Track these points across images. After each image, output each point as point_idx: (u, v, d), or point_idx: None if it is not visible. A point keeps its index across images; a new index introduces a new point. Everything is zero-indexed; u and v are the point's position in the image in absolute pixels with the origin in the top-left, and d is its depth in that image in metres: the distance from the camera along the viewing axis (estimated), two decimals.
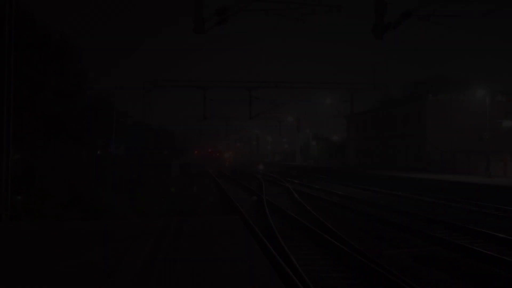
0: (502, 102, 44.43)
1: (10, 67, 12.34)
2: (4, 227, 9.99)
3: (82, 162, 22.91)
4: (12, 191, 12.25)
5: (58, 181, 15.49)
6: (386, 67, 40.15)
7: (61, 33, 26.47)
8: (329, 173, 49.88)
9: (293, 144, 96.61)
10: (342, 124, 68.88)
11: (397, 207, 20.59)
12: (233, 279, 5.57)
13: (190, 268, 6.11)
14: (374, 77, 44.12)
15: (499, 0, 19.93)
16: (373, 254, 10.54)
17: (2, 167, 11.59)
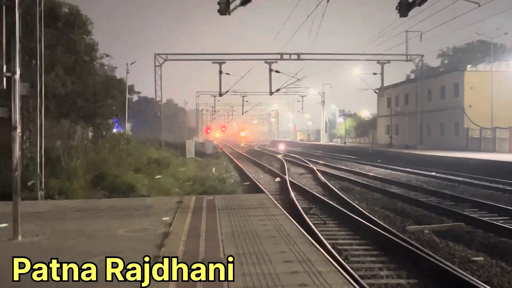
0: None
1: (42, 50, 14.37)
2: (46, 204, 12.08)
3: (97, 143, 24.93)
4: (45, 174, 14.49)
5: (81, 161, 17.48)
6: (420, 36, 40.83)
7: (69, 6, 28.41)
8: (357, 153, 51.24)
9: (317, 122, 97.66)
10: (372, 99, 70.10)
11: (429, 187, 22.18)
12: (268, 235, 7.54)
13: (230, 229, 8.11)
14: (407, 46, 45.12)
15: None
16: (398, 230, 12.50)
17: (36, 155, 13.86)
